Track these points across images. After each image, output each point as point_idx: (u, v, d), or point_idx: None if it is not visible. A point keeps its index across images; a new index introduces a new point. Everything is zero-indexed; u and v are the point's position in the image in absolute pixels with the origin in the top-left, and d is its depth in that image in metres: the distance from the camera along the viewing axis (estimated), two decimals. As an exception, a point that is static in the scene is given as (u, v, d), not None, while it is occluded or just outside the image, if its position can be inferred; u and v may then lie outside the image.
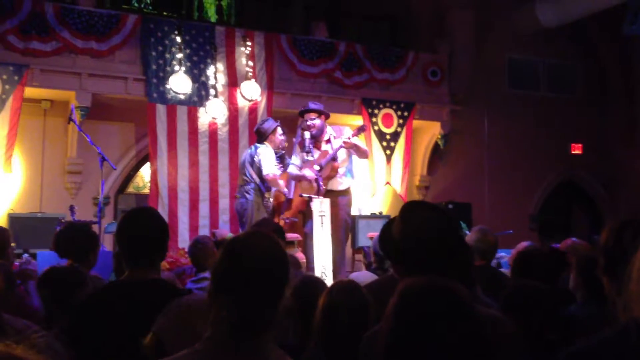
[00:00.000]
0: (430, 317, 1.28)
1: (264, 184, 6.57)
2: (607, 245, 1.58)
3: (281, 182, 6.66)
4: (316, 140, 6.58)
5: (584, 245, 4.39)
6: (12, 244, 5.89)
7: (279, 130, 6.84)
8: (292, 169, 6.70)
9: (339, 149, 6.40)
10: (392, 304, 1.34)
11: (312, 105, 6.73)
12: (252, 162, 6.56)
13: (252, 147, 6.85)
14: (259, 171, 6.49)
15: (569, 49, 11.83)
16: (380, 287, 2.50)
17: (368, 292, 2.35)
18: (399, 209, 1.94)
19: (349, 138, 6.34)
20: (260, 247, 1.60)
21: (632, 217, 1.66)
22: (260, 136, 6.71)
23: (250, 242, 1.62)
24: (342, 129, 6.75)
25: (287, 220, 6.83)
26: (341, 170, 6.56)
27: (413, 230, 1.80)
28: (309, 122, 6.51)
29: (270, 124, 6.76)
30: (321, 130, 6.59)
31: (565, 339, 2.36)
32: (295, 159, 6.74)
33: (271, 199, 6.69)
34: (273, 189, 6.79)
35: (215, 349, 1.53)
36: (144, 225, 2.44)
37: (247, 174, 6.60)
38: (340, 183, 6.60)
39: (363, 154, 6.70)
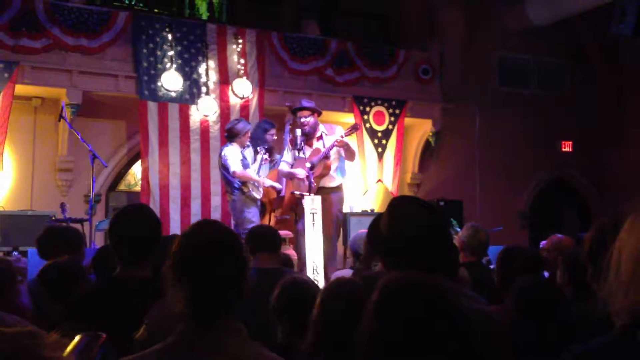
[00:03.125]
0: (409, 312, 1.27)
1: (238, 181, 6.62)
2: (592, 241, 1.60)
3: (255, 176, 6.65)
4: (308, 138, 6.58)
5: (569, 241, 4.42)
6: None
7: (272, 130, 6.96)
8: (284, 166, 6.69)
9: (331, 147, 6.39)
10: (372, 300, 1.34)
11: (304, 103, 6.73)
12: (222, 164, 6.64)
13: (220, 149, 6.92)
14: (228, 170, 6.57)
15: (559, 46, 11.89)
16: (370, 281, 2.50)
17: (365, 285, 2.34)
18: (387, 204, 1.95)
19: (342, 136, 6.33)
20: (206, 233, 1.64)
21: (620, 214, 1.67)
22: (231, 136, 6.67)
23: (196, 230, 1.67)
24: (334, 126, 6.75)
25: (278, 217, 6.84)
26: (333, 168, 6.57)
27: (400, 224, 1.81)
28: (302, 120, 6.52)
29: (243, 125, 6.75)
30: (314, 128, 6.59)
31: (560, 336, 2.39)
32: (286, 156, 6.74)
33: (252, 191, 6.65)
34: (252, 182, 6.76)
35: (183, 342, 1.53)
36: (136, 224, 2.44)
37: (223, 176, 6.74)
38: (332, 180, 6.61)
39: (351, 155, 6.68)
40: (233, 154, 6.56)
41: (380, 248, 1.91)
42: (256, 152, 6.81)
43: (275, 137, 7.22)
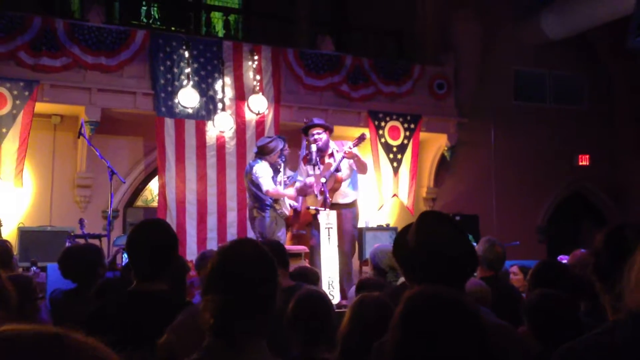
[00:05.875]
0: (436, 326, 1.30)
1: (270, 198, 6.58)
2: (597, 247, 1.63)
3: (288, 191, 6.64)
4: (321, 155, 6.63)
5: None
6: (15, 254, 5.95)
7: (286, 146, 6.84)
8: (297, 185, 6.75)
9: (341, 160, 6.47)
10: (398, 312, 1.36)
11: (316, 121, 6.82)
12: (252, 181, 6.55)
13: (248, 165, 6.87)
14: (259, 188, 6.51)
15: (575, 60, 11.86)
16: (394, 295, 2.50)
17: (392, 298, 2.35)
18: (416, 218, 1.96)
19: (350, 148, 6.42)
20: (243, 252, 1.66)
21: (623, 223, 1.69)
22: (262, 153, 6.61)
23: (235, 248, 1.69)
24: (343, 143, 6.82)
25: (294, 232, 6.86)
26: (344, 184, 6.61)
27: (429, 240, 1.82)
28: (315, 136, 6.59)
29: (277, 143, 6.66)
30: (326, 144, 6.67)
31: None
32: (300, 176, 6.80)
33: (284, 209, 6.66)
34: (283, 199, 6.75)
35: (209, 358, 1.54)
36: (151, 238, 2.47)
37: (253, 194, 6.62)
38: (345, 196, 6.65)
39: (363, 167, 6.72)
40: (265, 172, 6.46)
41: (406, 263, 1.92)
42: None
43: (288, 151, 7.14)
